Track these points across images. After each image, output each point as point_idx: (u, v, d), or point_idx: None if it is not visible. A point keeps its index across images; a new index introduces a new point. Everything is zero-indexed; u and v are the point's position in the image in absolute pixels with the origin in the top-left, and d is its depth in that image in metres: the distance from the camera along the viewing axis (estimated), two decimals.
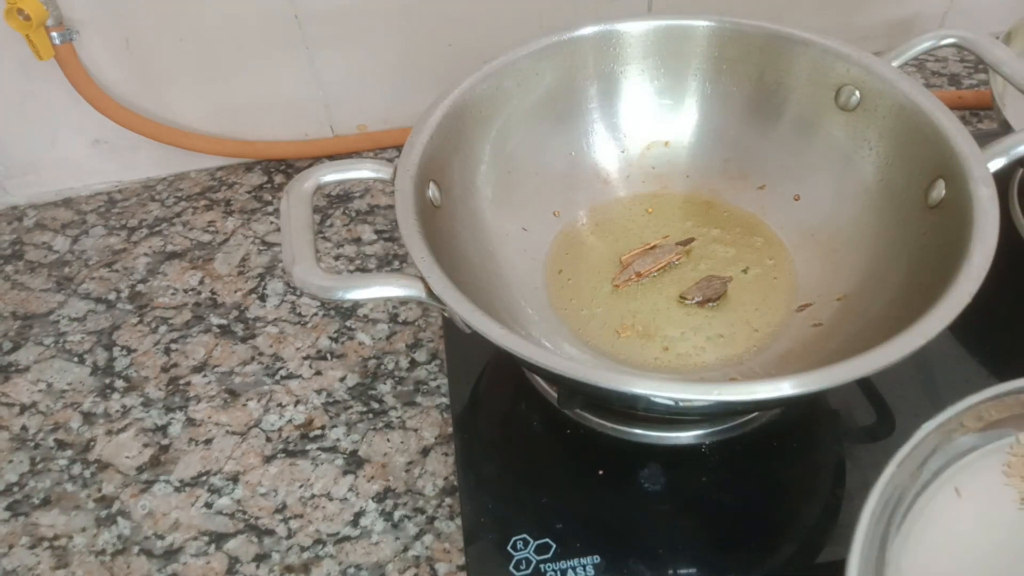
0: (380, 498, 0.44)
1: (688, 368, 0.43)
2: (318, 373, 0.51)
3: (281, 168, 0.67)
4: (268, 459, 0.47)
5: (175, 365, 0.52)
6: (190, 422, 0.49)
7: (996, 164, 0.38)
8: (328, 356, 0.52)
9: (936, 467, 0.33)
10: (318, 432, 0.48)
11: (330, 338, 0.53)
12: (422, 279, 0.35)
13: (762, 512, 0.40)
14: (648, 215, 0.51)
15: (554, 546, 0.38)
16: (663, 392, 0.31)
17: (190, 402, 0.50)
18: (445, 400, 0.49)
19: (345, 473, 0.46)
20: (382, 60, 0.63)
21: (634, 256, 0.48)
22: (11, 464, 0.48)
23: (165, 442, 0.48)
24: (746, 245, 0.49)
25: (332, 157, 0.68)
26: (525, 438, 0.44)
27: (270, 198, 0.64)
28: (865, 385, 0.44)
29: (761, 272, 0.47)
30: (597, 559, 0.38)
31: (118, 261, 0.60)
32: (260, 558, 0.42)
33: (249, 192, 0.65)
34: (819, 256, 0.47)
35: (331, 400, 0.49)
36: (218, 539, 0.43)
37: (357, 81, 0.64)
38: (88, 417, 0.50)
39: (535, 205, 0.50)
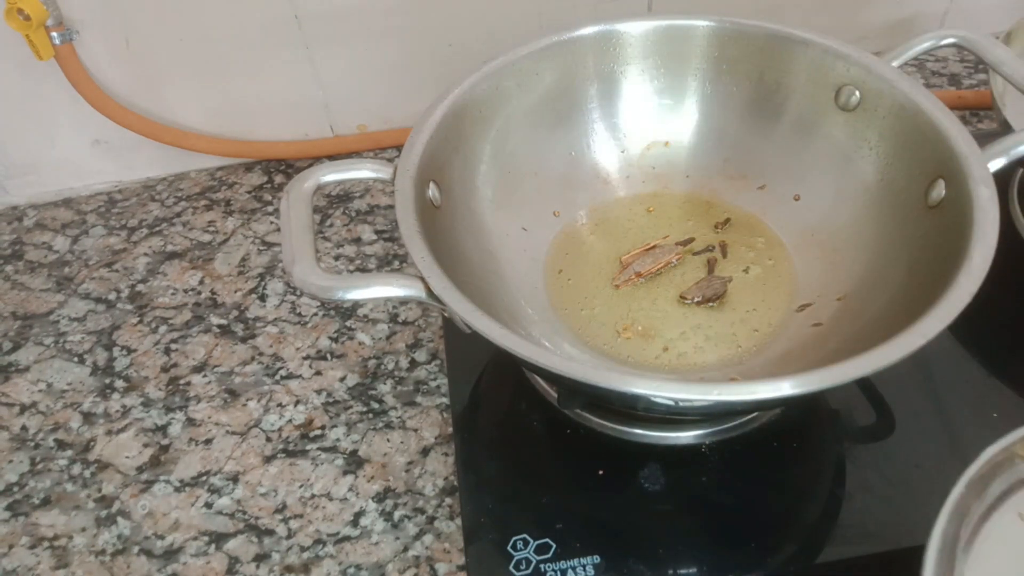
0: (380, 498, 0.44)
1: (688, 368, 0.43)
2: (318, 373, 0.51)
3: (281, 168, 0.67)
4: (268, 459, 0.47)
5: (175, 365, 0.52)
6: (190, 422, 0.49)
7: (996, 164, 0.38)
8: (328, 356, 0.52)
9: (1000, 491, 0.33)
10: (318, 432, 0.48)
11: (330, 338, 0.53)
12: (422, 279, 0.35)
13: (762, 512, 0.40)
14: (648, 215, 0.51)
15: (554, 546, 0.38)
16: (663, 392, 0.31)
17: (190, 402, 0.50)
18: (445, 400, 0.48)
19: (345, 473, 0.46)
20: (382, 60, 0.63)
21: (634, 256, 0.48)
22: (11, 464, 0.48)
23: (165, 442, 0.48)
24: (746, 245, 0.49)
25: (332, 157, 0.68)
26: (525, 438, 0.44)
27: (270, 198, 0.64)
28: (865, 385, 0.44)
29: (761, 272, 0.47)
30: (597, 559, 0.38)
31: (118, 261, 0.60)
32: (260, 558, 0.42)
33: (249, 192, 0.65)
34: (819, 256, 0.47)
35: (331, 400, 0.49)
36: (218, 539, 0.43)
37: (357, 81, 0.64)
38: (88, 417, 0.50)
39: (535, 205, 0.50)
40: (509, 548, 0.38)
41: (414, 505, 0.44)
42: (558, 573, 0.37)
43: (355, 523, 0.43)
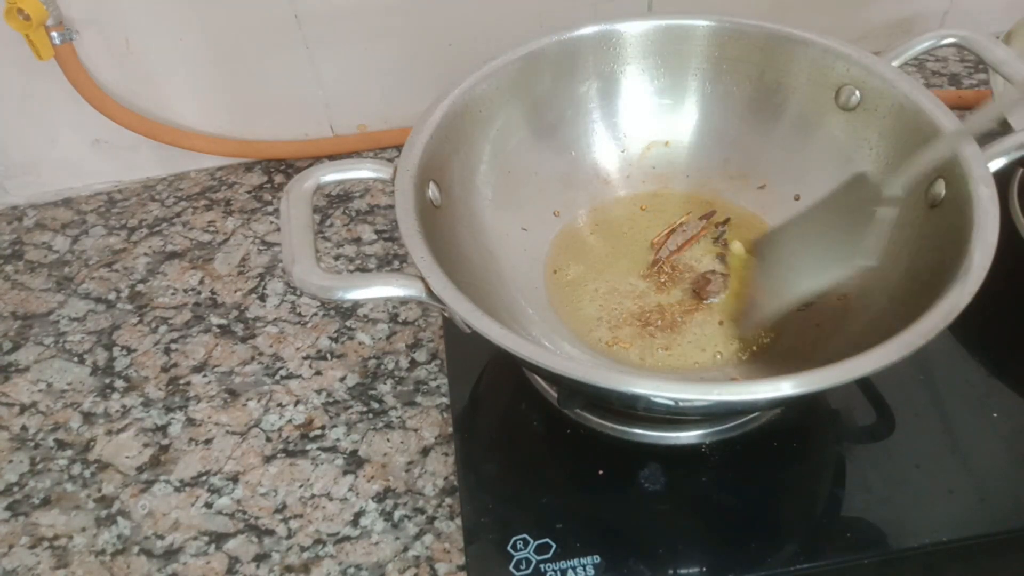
0: (380, 498, 0.44)
1: (688, 368, 0.43)
2: (318, 373, 0.51)
3: (281, 168, 0.67)
4: (268, 459, 0.47)
5: (175, 365, 0.52)
6: (190, 422, 0.49)
7: (996, 164, 0.38)
8: (328, 356, 0.52)
9: None
10: (318, 432, 0.48)
11: (330, 338, 0.53)
12: (422, 279, 0.35)
13: (762, 512, 0.40)
14: (648, 214, 0.51)
15: (554, 546, 0.38)
16: (663, 392, 0.31)
17: (190, 402, 0.50)
18: (445, 400, 0.48)
19: (345, 473, 0.46)
20: (382, 60, 0.63)
21: (663, 238, 0.49)
22: (11, 464, 0.48)
23: (165, 442, 0.48)
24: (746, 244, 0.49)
25: (332, 157, 0.68)
26: (525, 438, 0.44)
27: (270, 198, 0.64)
28: (865, 385, 0.44)
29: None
30: (597, 559, 0.38)
31: (118, 261, 0.60)
32: (260, 558, 0.42)
33: (249, 192, 0.65)
34: None
35: (331, 400, 0.49)
36: (218, 539, 0.43)
37: (357, 81, 0.64)
38: (88, 417, 0.50)
39: (535, 205, 0.50)
40: (509, 548, 0.38)
41: (414, 505, 0.44)
42: (558, 573, 0.37)
43: (355, 523, 0.43)
